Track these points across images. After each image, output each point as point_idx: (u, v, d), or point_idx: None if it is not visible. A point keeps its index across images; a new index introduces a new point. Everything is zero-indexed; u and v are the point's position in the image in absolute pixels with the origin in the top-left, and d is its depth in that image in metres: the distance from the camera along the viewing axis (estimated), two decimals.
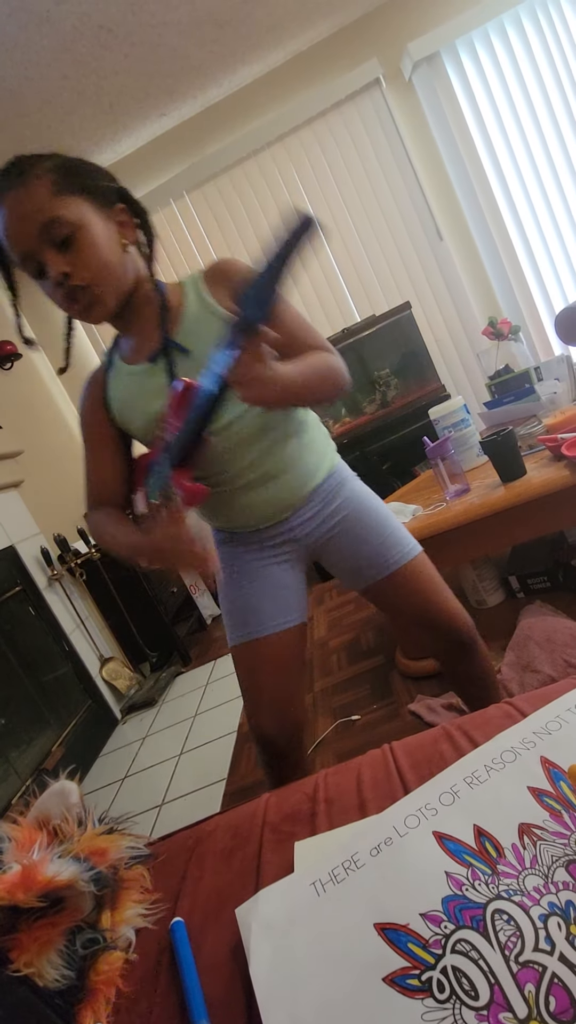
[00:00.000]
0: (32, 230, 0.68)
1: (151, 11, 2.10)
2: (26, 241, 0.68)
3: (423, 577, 0.91)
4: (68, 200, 0.70)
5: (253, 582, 0.89)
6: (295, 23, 2.55)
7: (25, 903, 0.44)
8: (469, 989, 0.34)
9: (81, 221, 0.70)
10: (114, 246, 0.74)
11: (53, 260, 0.69)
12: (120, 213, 0.77)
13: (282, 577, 0.89)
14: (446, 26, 2.64)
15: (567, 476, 1.16)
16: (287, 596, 0.90)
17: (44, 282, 0.72)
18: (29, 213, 0.68)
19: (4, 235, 0.69)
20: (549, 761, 0.46)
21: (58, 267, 0.69)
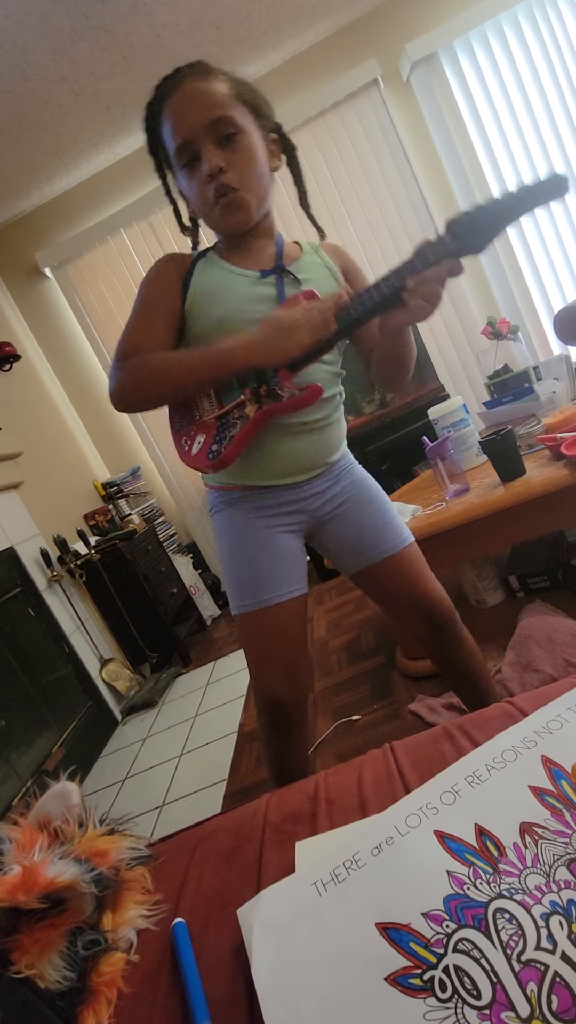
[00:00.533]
0: (203, 119, 0.73)
1: (149, 12, 2.10)
2: (193, 128, 0.73)
3: (415, 566, 0.95)
4: (240, 107, 0.76)
5: (264, 549, 0.88)
6: (293, 24, 2.55)
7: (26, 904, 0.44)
8: (471, 988, 0.34)
9: (247, 128, 0.76)
10: (266, 163, 0.80)
11: (212, 153, 0.74)
12: (272, 143, 0.83)
13: (289, 546, 0.89)
14: (444, 27, 2.64)
15: (566, 475, 1.16)
16: (294, 566, 0.90)
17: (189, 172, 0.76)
18: (204, 103, 0.73)
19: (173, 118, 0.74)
20: (550, 760, 0.46)
21: (216, 160, 0.74)
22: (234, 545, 0.89)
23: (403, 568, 0.93)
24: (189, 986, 0.43)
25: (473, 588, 1.63)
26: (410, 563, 0.94)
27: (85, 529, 2.74)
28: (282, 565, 0.88)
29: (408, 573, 0.93)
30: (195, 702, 2.13)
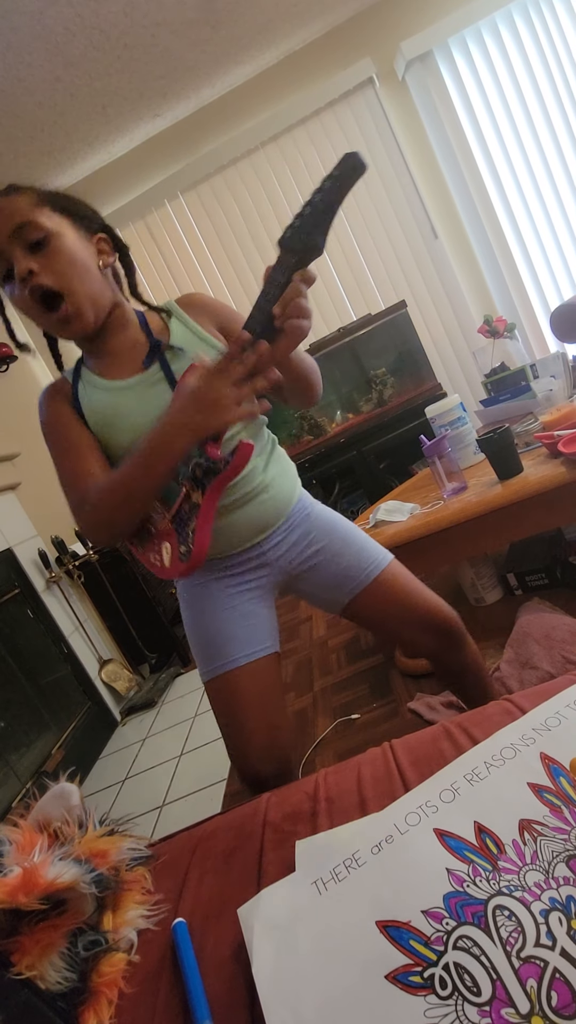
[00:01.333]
0: (5, 229, 0.70)
1: (144, 12, 2.09)
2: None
3: (402, 580, 0.92)
4: (48, 212, 0.73)
5: (221, 612, 0.85)
6: (287, 23, 2.55)
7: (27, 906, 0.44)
8: (471, 985, 0.34)
9: (57, 230, 0.73)
10: (89, 262, 0.76)
11: (21, 258, 0.70)
12: (100, 241, 0.80)
13: (251, 606, 0.86)
14: (439, 25, 2.64)
15: (564, 473, 1.17)
16: (258, 624, 0.87)
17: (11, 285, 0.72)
18: (6, 215, 0.70)
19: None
20: (549, 757, 0.46)
21: (25, 264, 0.70)
22: (197, 611, 0.87)
23: (393, 585, 0.90)
24: (190, 986, 0.43)
25: (471, 586, 1.63)
26: (398, 579, 0.91)
27: None
28: (247, 624, 0.85)
29: (399, 589, 0.91)
30: (194, 702, 2.13)
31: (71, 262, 0.73)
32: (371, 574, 0.89)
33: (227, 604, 0.85)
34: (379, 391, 2.78)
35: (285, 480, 0.88)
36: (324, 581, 0.90)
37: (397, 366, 2.82)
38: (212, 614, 0.86)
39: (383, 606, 0.91)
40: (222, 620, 0.85)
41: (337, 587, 0.90)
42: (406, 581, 0.92)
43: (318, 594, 0.92)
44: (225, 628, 0.85)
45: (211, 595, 0.86)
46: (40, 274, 0.71)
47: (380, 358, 2.79)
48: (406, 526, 1.33)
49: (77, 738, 2.06)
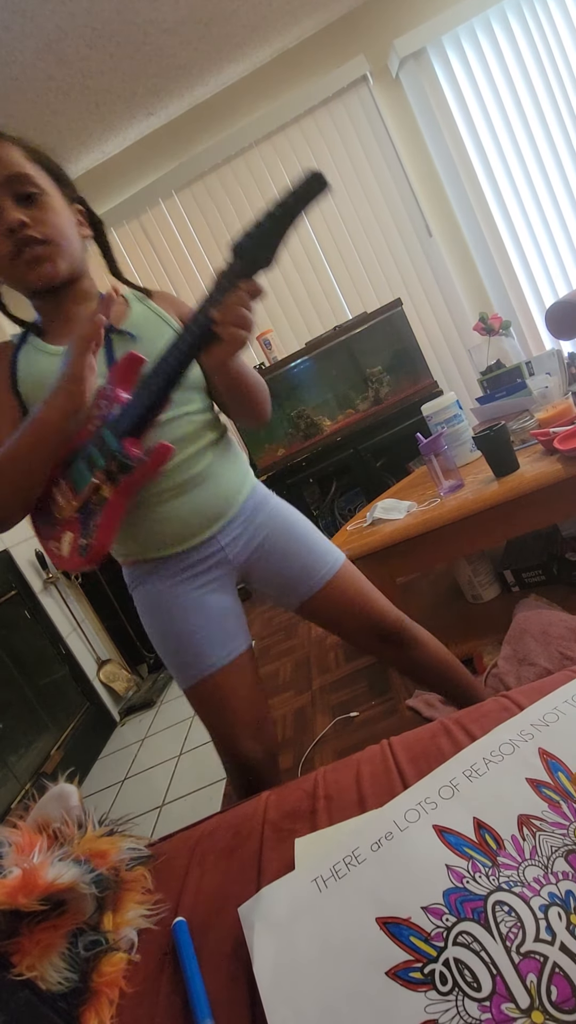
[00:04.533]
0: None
1: (136, 10, 2.08)
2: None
3: (354, 583, 0.92)
4: (38, 168, 0.74)
5: (191, 616, 0.83)
6: (280, 21, 2.54)
7: (27, 907, 0.44)
8: (471, 981, 0.34)
9: (48, 191, 0.73)
10: (72, 227, 0.77)
11: (12, 208, 0.70)
12: (78, 212, 0.80)
13: (219, 604, 0.85)
14: (432, 22, 2.64)
15: (560, 470, 1.17)
16: (229, 623, 0.86)
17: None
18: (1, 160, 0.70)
19: None
20: (547, 752, 0.47)
21: (17, 215, 0.70)
22: (162, 619, 0.84)
23: (341, 591, 0.90)
24: (191, 985, 0.43)
25: (468, 583, 1.63)
26: (347, 584, 0.91)
27: None
28: (218, 625, 0.84)
29: (347, 594, 0.91)
30: None
31: (58, 221, 0.74)
32: (320, 581, 0.89)
33: (194, 608, 0.83)
34: (375, 389, 2.78)
35: (233, 469, 0.86)
36: (275, 582, 0.89)
37: (393, 364, 2.82)
38: (181, 621, 0.83)
39: (332, 611, 0.91)
40: (192, 626, 0.83)
41: (289, 590, 0.90)
42: (355, 586, 0.92)
43: (271, 594, 0.92)
44: (196, 634, 0.83)
45: (176, 599, 0.83)
46: (32, 227, 0.71)
47: (376, 356, 2.79)
48: (403, 524, 1.33)
49: (76, 739, 2.05)
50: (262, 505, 0.89)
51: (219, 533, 0.84)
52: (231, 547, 0.85)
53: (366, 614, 0.92)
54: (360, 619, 0.92)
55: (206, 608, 0.83)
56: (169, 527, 0.81)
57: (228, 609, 0.86)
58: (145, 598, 0.85)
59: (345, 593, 0.91)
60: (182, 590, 0.83)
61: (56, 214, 0.74)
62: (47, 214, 0.73)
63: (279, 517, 0.90)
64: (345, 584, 0.91)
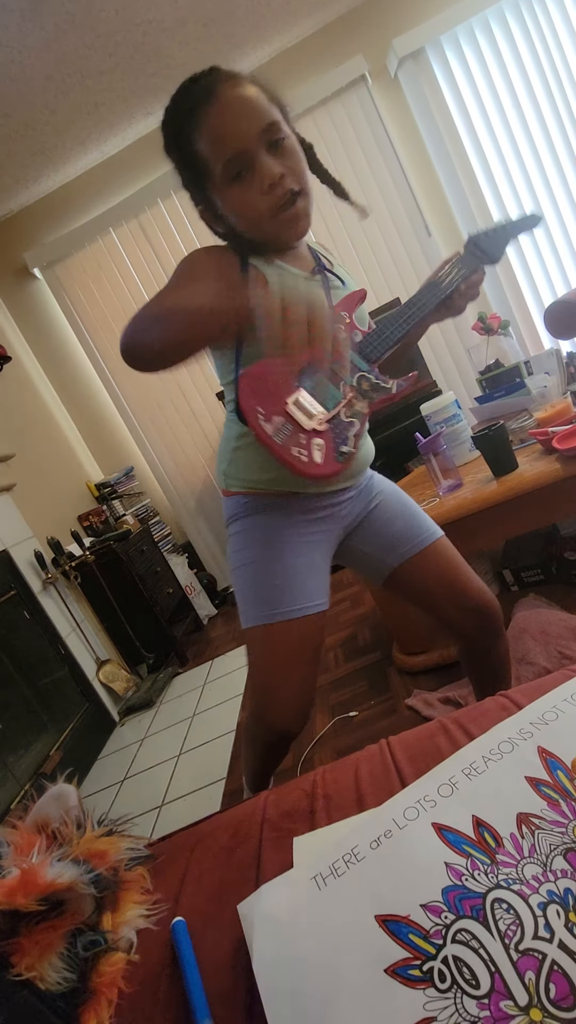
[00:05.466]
0: (254, 127, 0.70)
1: (135, 10, 2.08)
2: (248, 137, 0.70)
3: (451, 554, 0.94)
4: (277, 110, 0.74)
5: (298, 557, 0.84)
6: (279, 21, 2.54)
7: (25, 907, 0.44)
8: (470, 978, 0.34)
9: (288, 131, 0.75)
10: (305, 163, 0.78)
11: (269, 161, 0.71)
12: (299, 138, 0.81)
13: (319, 558, 0.87)
14: (431, 22, 2.64)
15: (558, 469, 1.17)
16: (323, 578, 0.87)
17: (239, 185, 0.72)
18: (252, 110, 0.70)
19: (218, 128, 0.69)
20: (546, 751, 0.47)
21: (277, 168, 0.71)
22: (265, 550, 0.84)
23: (440, 559, 0.91)
24: (190, 984, 0.43)
25: None
26: (447, 553, 0.93)
27: (79, 530, 2.73)
28: (313, 575, 0.85)
29: (446, 563, 0.92)
30: (193, 702, 2.13)
31: (301, 162, 0.75)
32: (423, 543, 0.91)
33: (300, 552, 0.84)
34: None
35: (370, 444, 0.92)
36: (377, 541, 0.91)
37: None
38: (284, 557, 0.83)
39: (430, 577, 0.92)
40: (295, 566, 0.84)
41: (389, 550, 0.91)
42: (455, 557, 0.94)
43: (369, 554, 0.92)
44: (297, 574, 0.83)
45: (285, 537, 0.84)
46: (288, 178, 0.72)
47: None
48: None
49: (75, 739, 2.05)
50: (374, 476, 0.96)
51: (346, 489, 0.87)
52: (346, 505, 0.88)
53: (462, 588, 0.92)
54: (455, 592, 0.92)
55: (311, 557, 0.85)
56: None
57: (324, 565, 0.88)
58: (255, 527, 0.85)
59: (443, 563, 0.92)
60: (294, 532, 0.85)
61: (300, 156, 0.75)
62: (295, 160, 0.73)
63: (385, 484, 0.96)
64: (443, 555, 0.92)
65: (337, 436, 0.77)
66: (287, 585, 0.83)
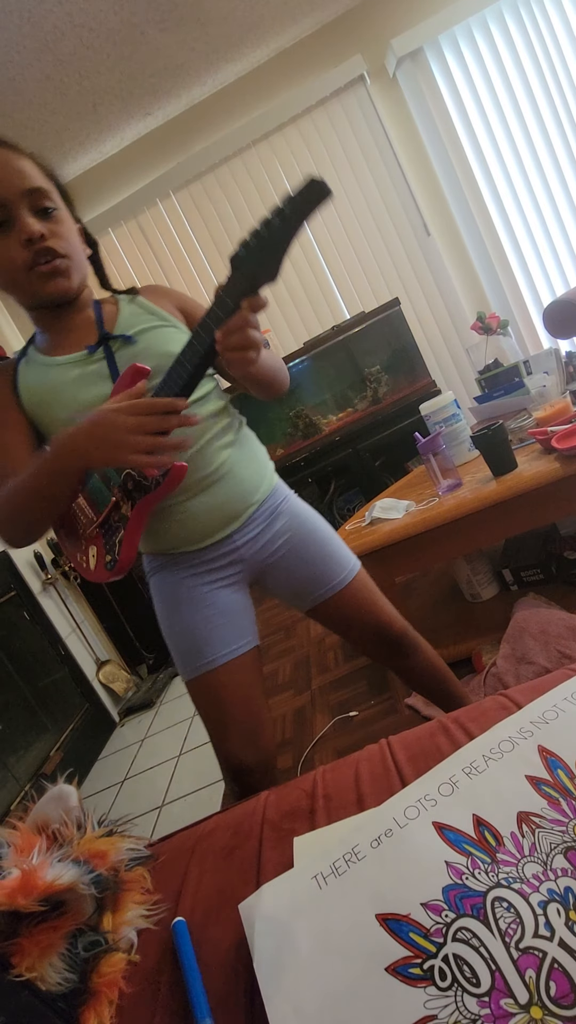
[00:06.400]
0: (18, 185, 0.70)
1: (133, 10, 2.08)
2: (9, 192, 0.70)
3: (365, 591, 0.94)
4: (51, 186, 0.76)
5: (201, 609, 0.83)
6: (277, 21, 2.54)
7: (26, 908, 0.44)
8: (470, 976, 0.34)
9: (62, 209, 0.76)
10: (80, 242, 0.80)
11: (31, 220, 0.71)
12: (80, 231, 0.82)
13: (230, 600, 0.85)
14: (429, 22, 2.65)
15: (558, 468, 1.17)
16: (239, 620, 0.86)
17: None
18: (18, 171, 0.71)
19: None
20: (546, 750, 0.47)
21: (37, 228, 0.71)
22: (171, 609, 0.85)
23: (352, 599, 0.92)
24: (190, 984, 0.43)
25: (467, 582, 1.64)
26: (358, 592, 0.93)
27: None
28: (226, 620, 0.84)
29: (357, 602, 0.93)
30: None
31: (72, 237, 0.77)
32: (333, 589, 0.91)
33: (205, 601, 0.84)
34: (373, 389, 2.79)
35: (250, 466, 0.86)
36: (290, 584, 0.90)
37: (391, 363, 2.82)
38: (190, 613, 0.83)
39: (342, 616, 0.93)
40: (201, 619, 0.83)
41: (302, 594, 0.91)
42: (367, 594, 0.94)
43: (284, 595, 0.93)
44: (204, 627, 0.83)
45: (187, 592, 0.84)
46: (51, 240, 0.73)
47: (374, 356, 2.79)
48: (402, 523, 1.34)
49: (75, 740, 2.05)
50: (282, 506, 0.89)
51: (235, 532, 0.84)
52: (247, 547, 0.85)
53: (374, 621, 0.94)
54: (368, 625, 0.94)
55: (216, 603, 0.84)
56: (185, 528, 0.82)
57: (238, 606, 0.86)
58: (159, 586, 0.86)
59: (356, 600, 0.92)
60: (194, 583, 0.84)
61: (69, 230, 0.76)
62: (63, 229, 0.75)
63: (299, 521, 0.90)
64: (358, 592, 0.93)
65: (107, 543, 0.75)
66: (196, 641, 0.83)
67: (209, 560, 0.84)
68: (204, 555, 0.84)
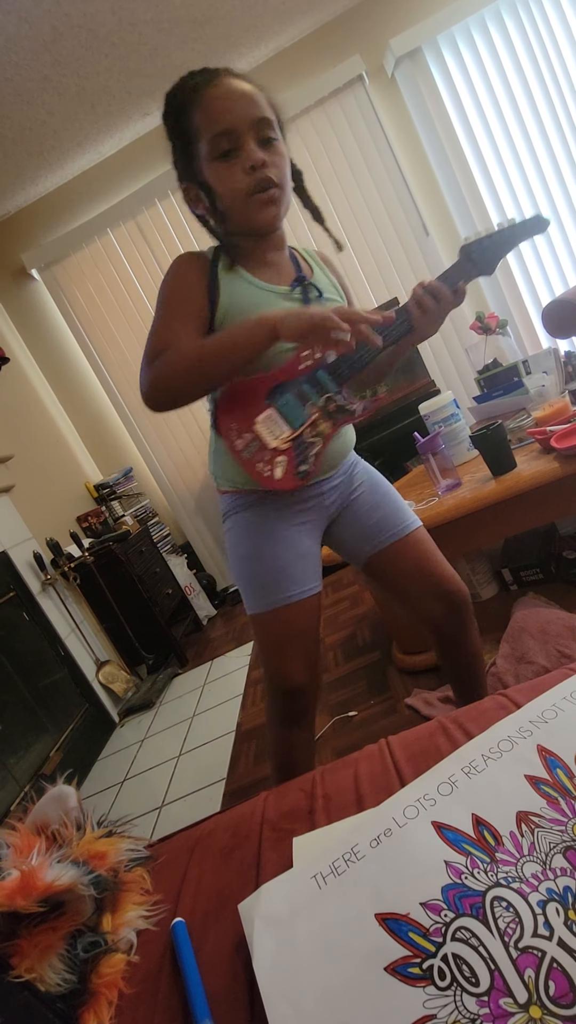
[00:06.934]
0: (248, 113, 0.76)
1: (131, 10, 2.08)
2: (238, 119, 0.75)
3: (427, 544, 0.97)
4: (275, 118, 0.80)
5: (288, 548, 0.88)
6: (275, 21, 2.55)
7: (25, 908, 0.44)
8: (469, 976, 0.34)
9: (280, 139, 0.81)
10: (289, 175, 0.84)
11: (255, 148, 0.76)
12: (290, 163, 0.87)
13: (308, 544, 0.91)
14: (427, 22, 2.65)
15: (557, 468, 1.17)
16: (315, 564, 0.91)
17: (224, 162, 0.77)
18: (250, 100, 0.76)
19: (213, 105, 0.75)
20: (546, 749, 0.47)
21: (259, 155, 0.76)
22: (255, 545, 0.89)
23: (416, 548, 0.95)
24: (190, 985, 0.43)
25: (467, 582, 1.64)
26: (423, 544, 0.96)
27: (78, 531, 2.73)
28: (302, 563, 0.89)
29: (421, 553, 0.95)
30: (192, 702, 2.13)
31: (286, 166, 0.81)
32: (402, 532, 0.95)
33: (292, 542, 0.89)
34: (373, 388, 2.78)
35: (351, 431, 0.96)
36: (358, 528, 0.95)
37: None
38: (280, 550, 0.88)
39: (405, 565, 0.95)
40: (289, 556, 0.88)
41: (367, 539, 0.95)
42: (430, 546, 0.98)
43: (349, 540, 0.97)
44: (283, 564, 0.88)
45: (277, 530, 0.88)
46: (270, 169, 0.77)
47: None
48: None
49: (75, 740, 2.05)
50: (358, 462, 0.99)
51: (327, 479, 0.91)
52: (330, 494, 0.92)
53: (436, 573, 0.95)
54: (428, 577, 0.95)
55: (296, 544, 0.89)
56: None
57: (313, 551, 0.92)
58: (243, 524, 0.90)
59: (418, 550, 0.96)
60: (283, 524, 0.89)
61: (286, 162, 0.81)
62: (280, 160, 0.79)
63: (370, 474, 0.99)
64: (420, 542, 0.96)
65: (299, 455, 0.81)
66: (277, 576, 0.88)
67: (296, 502, 0.89)
68: (295, 495, 0.88)
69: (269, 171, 0.77)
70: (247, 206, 0.79)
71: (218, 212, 0.82)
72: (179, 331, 0.79)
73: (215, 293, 0.82)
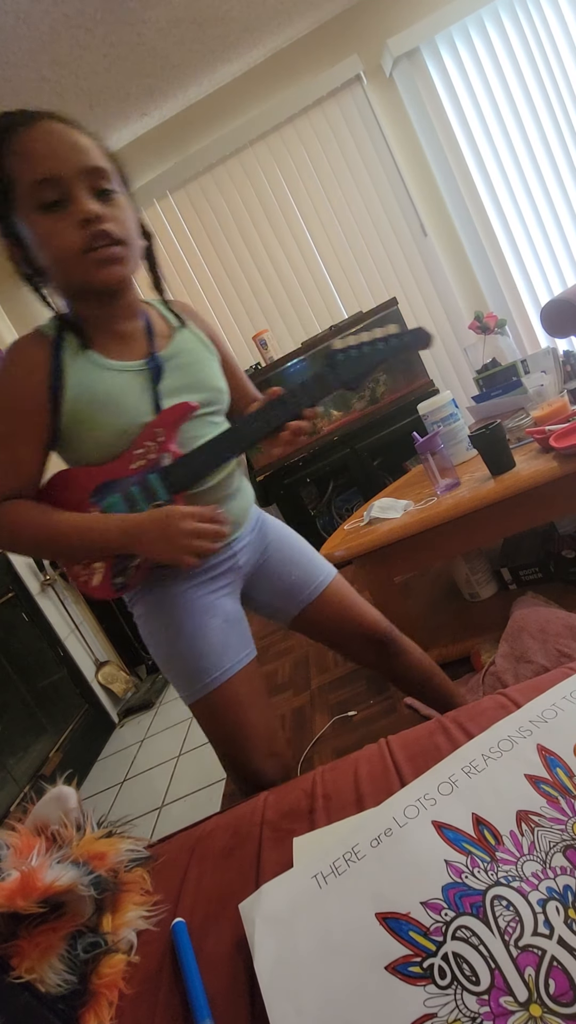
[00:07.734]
0: (77, 161, 0.66)
1: (129, 10, 2.08)
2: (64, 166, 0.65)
3: (346, 591, 0.97)
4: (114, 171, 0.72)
5: (209, 619, 0.81)
6: (274, 21, 2.54)
7: (25, 909, 0.44)
8: (470, 974, 0.34)
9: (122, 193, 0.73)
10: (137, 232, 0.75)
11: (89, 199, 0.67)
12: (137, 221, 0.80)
13: (233, 608, 0.85)
14: (425, 21, 2.65)
15: (556, 468, 1.17)
16: (242, 627, 0.86)
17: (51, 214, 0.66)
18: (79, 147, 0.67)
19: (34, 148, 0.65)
20: (546, 749, 0.47)
21: (94, 208, 0.67)
22: (176, 623, 0.80)
23: (337, 598, 0.95)
24: (190, 985, 0.43)
25: (466, 581, 1.64)
26: (341, 592, 0.96)
27: None
28: (231, 629, 0.83)
29: (342, 601, 0.95)
30: None
31: (130, 224, 0.72)
32: (321, 585, 0.94)
33: (212, 610, 0.82)
34: (371, 389, 2.79)
35: (246, 482, 0.92)
36: (279, 587, 0.92)
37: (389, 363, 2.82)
38: (198, 623, 0.80)
39: (329, 616, 0.95)
40: (210, 628, 0.80)
41: (291, 596, 0.93)
42: (348, 593, 0.97)
43: (271, 602, 0.93)
44: (215, 635, 0.80)
45: (190, 604, 0.80)
46: (107, 224, 0.68)
47: None
48: (400, 523, 1.34)
49: (75, 741, 2.05)
50: (262, 517, 0.95)
51: (237, 539, 0.87)
52: (242, 554, 0.88)
53: (360, 620, 0.96)
54: (354, 626, 0.96)
55: (220, 611, 0.82)
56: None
57: (239, 614, 0.87)
58: (155, 605, 0.81)
59: (340, 600, 0.95)
60: (196, 594, 0.81)
61: (128, 216, 0.72)
62: (121, 213, 0.70)
63: (278, 529, 0.96)
64: (339, 592, 0.96)
65: (116, 566, 0.75)
66: (206, 652, 0.80)
67: (209, 568, 0.83)
68: (206, 560, 0.82)
69: (106, 225, 0.67)
70: (82, 265, 0.68)
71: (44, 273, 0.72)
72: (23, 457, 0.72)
73: (60, 381, 0.71)
